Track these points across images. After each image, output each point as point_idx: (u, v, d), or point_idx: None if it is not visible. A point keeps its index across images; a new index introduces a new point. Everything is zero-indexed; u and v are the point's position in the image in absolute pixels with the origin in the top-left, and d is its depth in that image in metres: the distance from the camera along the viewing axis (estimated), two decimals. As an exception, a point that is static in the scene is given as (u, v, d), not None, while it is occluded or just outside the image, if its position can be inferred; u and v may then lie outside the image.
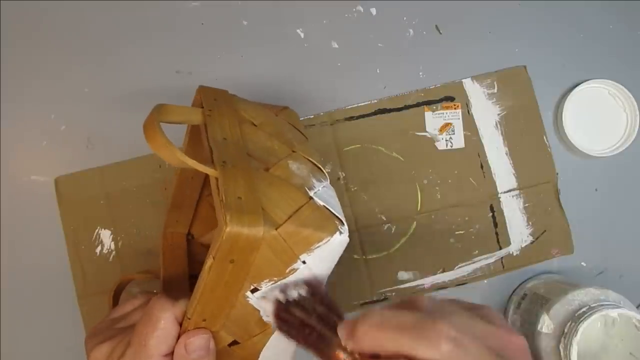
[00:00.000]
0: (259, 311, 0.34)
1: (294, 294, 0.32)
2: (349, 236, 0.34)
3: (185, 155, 0.31)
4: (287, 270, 0.32)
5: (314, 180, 0.35)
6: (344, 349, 0.29)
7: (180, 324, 0.33)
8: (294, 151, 0.38)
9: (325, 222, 0.32)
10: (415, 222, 0.52)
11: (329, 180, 0.37)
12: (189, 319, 0.33)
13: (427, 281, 0.52)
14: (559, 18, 0.55)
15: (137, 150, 0.52)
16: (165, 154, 0.32)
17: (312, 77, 0.54)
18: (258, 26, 0.54)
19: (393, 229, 0.52)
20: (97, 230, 0.51)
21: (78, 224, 0.51)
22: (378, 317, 0.27)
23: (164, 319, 0.32)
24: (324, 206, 0.33)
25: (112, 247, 0.51)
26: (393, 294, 0.52)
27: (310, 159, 0.38)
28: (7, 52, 0.53)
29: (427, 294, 0.52)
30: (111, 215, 0.51)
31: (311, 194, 0.34)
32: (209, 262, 0.30)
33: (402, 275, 0.52)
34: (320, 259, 0.33)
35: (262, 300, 0.33)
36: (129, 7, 0.54)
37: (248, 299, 0.33)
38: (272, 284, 0.32)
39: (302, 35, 0.54)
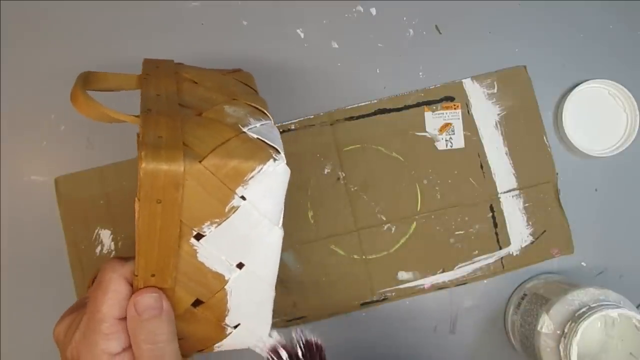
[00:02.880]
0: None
1: (284, 355, 0.30)
2: (349, 235, 0.33)
3: (107, 108, 0.32)
4: (227, 209, 0.30)
5: (251, 119, 0.33)
6: None
7: (132, 285, 0.31)
8: (234, 99, 0.35)
9: (257, 152, 0.31)
10: (415, 222, 0.52)
11: (272, 122, 0.35)
12: (137, 276, 0.31)
13: (427, 281, 0.52)
14: (559, 18, 0.55)
15: (137, 150, 0.52)
16: (89, 111, 0.32)
17: (312, 77, 0.54)
18: (258, 26, 0.54)
19: (393, 229, 0.52)
20: (97, 230, 0.51)
21: (78, 224, 0.51)
22: None
23: (113, 280, 0.30)
24: (258, 138, 0.31)
25: (112, 247, 0.51)
26: (393, 294, 0.52)
27: (252, 104, 0.35)
28: (7, 52, 0.53)
29: (428, 293, 0.52)
30: (111, 215, 0.51)
31: (244, 129, 0.32)
32: (135, 205, 0.29)
33: (402, 275, 0.52)
34: (262, 193, 0.31)
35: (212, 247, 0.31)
36: (129, 7, 0.54)
37: (195, 247, 0.31)
38: (215, 226, 0.30)
39: (302, 35, 0.54)
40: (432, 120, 0.53)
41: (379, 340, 0.52)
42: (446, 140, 0.53)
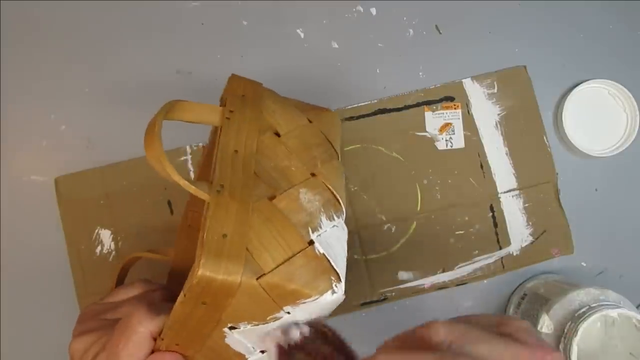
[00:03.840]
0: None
1: (295, 335, 0.30)
2: (349, 235, 0.33)
3: (177, 174, 0.30)
4: (268, 318, 0.30)
5: (323, 218, 0.32)
6: None
7: (155, 339, 0.32)
8: (313, 174, 0.34)
9: (319, 278, 0.29)
10: (415, 222, 0.52)
11: (344, 215, 0.34)
12: (162, 339, 0.31)
13: (427, 281, 0.52)
14: (559, 18, 0.55)
15: (137, 150, 0.52)
16: (157, 166, 0.30)
17: (312, 77, 0.54)
18: (258, 26, 0.54)
19: (393, 229, 0.52)
20: (97, 230, 0.51)
21: (78, 224, 0.51)
22: None
23: (139, 334, 0.31)
24: (324, 255, 0.30)
25: (112, 247, 0.51)
26: (393, 294, 0.52)
27: (330, 187, 0.34)
28: (7, 52, 0.53)
29: (428, 293, 0.52)
30: (111, 215, 0.51)
31: (313, 236, 0.30)
32: (180, 297, 0.28)
33: (402, 275, 0.52)
34: (308, 312, 0.30)
35: (260, 339, 0.31)
36: (129, 7, 0.54)
37: (225, 334, 0.31)
38: (251, 325, 0.30)
39: (302, 35, 0.54)
40: (432, 120, 0.53)
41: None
42: (446, 140, 0.53)
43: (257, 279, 0.28)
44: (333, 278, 0.30)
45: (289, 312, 0.30)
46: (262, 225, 0.30)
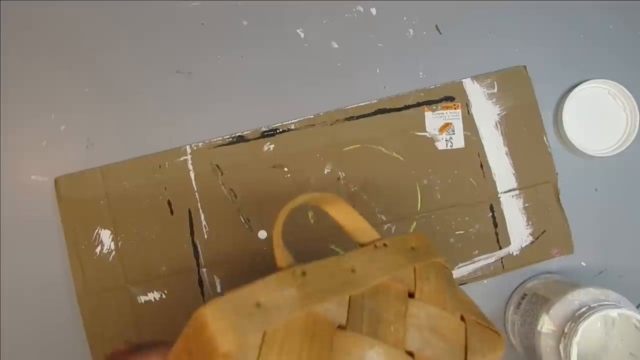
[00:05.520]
0: None
1: None
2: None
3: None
4: None
5: None
6: None
7: None
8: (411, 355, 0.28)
9: None
10: (415, 222, 0.52)
11: None
12: None
13: (427, 281, 0.52)
14: (559, 18, 0.55)
15: (137, 150, 0.52)
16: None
17: (312, 77, 0.54)
18: (258, 26, 0.54)
19: (393, 229, 0.52)
20: (97, 230, 0.51)
21: (78, 224, 0.51)
22: None
23: None
24: None
25: (112, 247, 0.51)
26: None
27: None
28: (7, 52, 0.53)
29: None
30: (111, 215, 0.51)
31: None
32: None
33: (402, 275, 0.52)
34: None
35: None
36: (129, 7, 0.54)
37: None
38: None
39: (302, 35, 0.54)
40: (432, 120, 0.53)
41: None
42: (446, 140, 0.53)
43: None
44: None
45: None
46: (305, 335, 0.25)
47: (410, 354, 0.27)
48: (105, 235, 0.51)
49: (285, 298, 0.25)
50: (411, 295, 0.30)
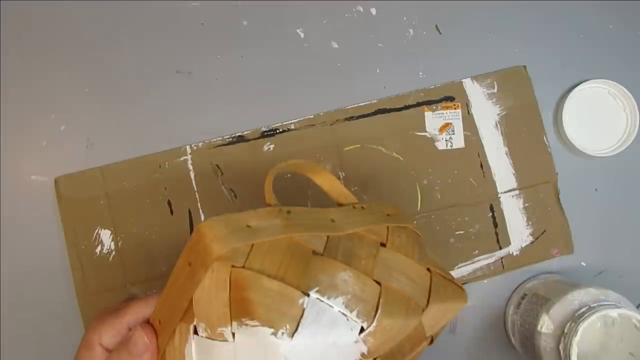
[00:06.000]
0: None
1: None
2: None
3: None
4: (218, 331, 0.28)
5: (340, 299, 0.29)
6: None
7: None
8: (378, 283, 0.31)
9: (283, 316, 0.27)
10: (415, 222, 0.52)
11: (365, 328, 0.30)
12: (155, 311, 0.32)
13: (427, 281, 0.52)
14: (559, 18, 0.55)
15: (137, 150, 0.52)
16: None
17: (312, 77, 0.54)
18: (258, 26, 0.54)
19: (393, 229, 0.52)
20: (97, 230, 0.51)
21: (78, 224, 0.51)
22: None
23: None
24: (304, 308, 0.28)
25: (112, 247, 0.51)
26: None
27: (380, 302, 0.30)
28: (7, 52, 0.53)
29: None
30: (111, 215, 0.51)
31: (312, 293, 0.28)
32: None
33: (402, 275, 0.52)
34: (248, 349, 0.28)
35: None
36: (129, 7, 0.54)
37: (188, 339, 0.30)
38: (206, 336, 0.29)
39: (302, 35, 0.54)
40: (432, 120, 0.53)
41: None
42: (446, 140, 0.53)
43: (232, 265, 0.27)
44: (289, 327, 0.27)
45: (233, 334, 0.27)
46: (286, 251, 0.29)
47: (378, 282, 0.31)
48: (105, 235, 0.51)
49: (271, 225, 0.30)
50: (383, 245, 0.34)
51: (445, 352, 0.52)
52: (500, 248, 0.52)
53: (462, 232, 0.52)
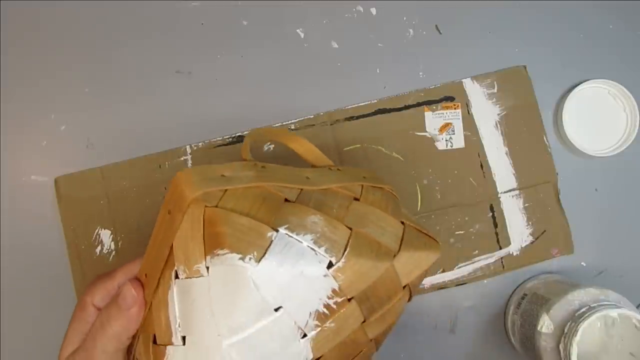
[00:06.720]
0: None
1: None
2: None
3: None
4: (194, 267, 0.29)
5: (308, 236, 0.30)
6: None
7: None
8: (350, 228, 0.32)
9: (252, 245, 0.28)
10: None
11: (332, 267, 0.30)
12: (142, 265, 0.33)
13: (427, 281, 0.52)
14: (559, 18, 0.55)
15: (137, 150, 0.52)
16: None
17: (312, 77, 0.54)
18: (258, 26, 0.54)
19: (393, 229, 0.52)
20: (97, 230, 0.51)
21: (78, 224, 0.51)
22: None
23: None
24: (272, 238, 0.29)
25: (112, 247, 0.51)
26: (393, 294, 0.52)
27: (349, 241, 0.31)
28: (7, 51, 0.53)
29: (428, 293, 0.52)
30: (111, 215, 0.51)
31: (282, 229, 0.29)
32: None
33: (402, 275, 0.52)
34: (223, 286, 0.28)
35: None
36: (129, 7, 0.54)
37: (171, 283, 0.30)
38: (185, 277, 0.29)
39: (302, 35, 0.54)
40: (432, 120, 0.53)
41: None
42: (446, 140, 0.53)
43: (205, 205, 0.28)
44: (256, 253, 0.28)
45: (207, 268, 0.28)
46: (259, 196, 0.30)
47: (349, 228, 0.31)
48: (105, 235, 0.51)
49: (245, 175, 0.31)
50: (356, 199, 0.35)
51: (445, 352, 0.52)
52: (500, 248, 0.52)
53: (462, 232, 0.52)
